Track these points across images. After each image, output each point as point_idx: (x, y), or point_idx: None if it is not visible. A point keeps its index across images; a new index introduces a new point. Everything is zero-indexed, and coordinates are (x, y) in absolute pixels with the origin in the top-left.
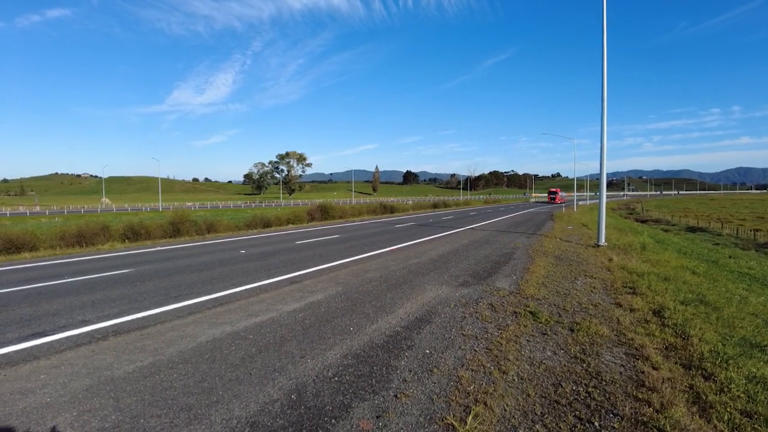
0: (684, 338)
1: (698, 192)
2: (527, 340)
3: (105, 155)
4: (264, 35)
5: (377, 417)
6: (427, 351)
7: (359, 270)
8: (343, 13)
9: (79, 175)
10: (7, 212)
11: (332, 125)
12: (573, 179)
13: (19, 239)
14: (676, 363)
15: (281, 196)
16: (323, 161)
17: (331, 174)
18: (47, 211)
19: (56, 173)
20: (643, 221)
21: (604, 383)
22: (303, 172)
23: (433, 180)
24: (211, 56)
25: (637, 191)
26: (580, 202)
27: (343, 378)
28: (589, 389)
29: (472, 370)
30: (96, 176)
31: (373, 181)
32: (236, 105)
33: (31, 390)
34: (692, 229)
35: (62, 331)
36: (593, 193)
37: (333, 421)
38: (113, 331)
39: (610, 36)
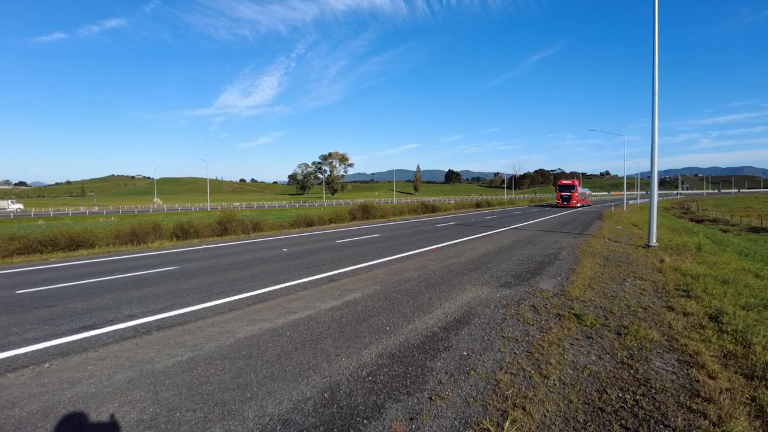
0: (745, 346)
1: (762, 190)
2: (571, 344)
3: (157, 157)
4: (307, 37)
5: (411, 419)
6: (465, 353)
7: (398, 269)
8: (386, 12)
9: (133, 177)
10: (70, 212)
11: (374, 125)
12: (623, 177)
13: (78, 237)
14: (735, 372)
15: (324, 196)
16: (365, 161)
17: (372, 174)
18: (104, 211)
19: (113, 175)
20: (699, 221)
21: (653, 391)
22: (345, 172)
23: (476, 179)
24: (257, 59)
25: (692, 189)
26: (630, 201)
27: (378, 378)
28: (637, 397)
29: (512, 374)
30: (148, 177)
31: (415, 181)
32: (281, 107)
33: (79, 380)
34: (755, 230)
35: (110, 325)
36: (644, 192)
37: (365, 421)
38: (156, 326)
39: (662, 26)
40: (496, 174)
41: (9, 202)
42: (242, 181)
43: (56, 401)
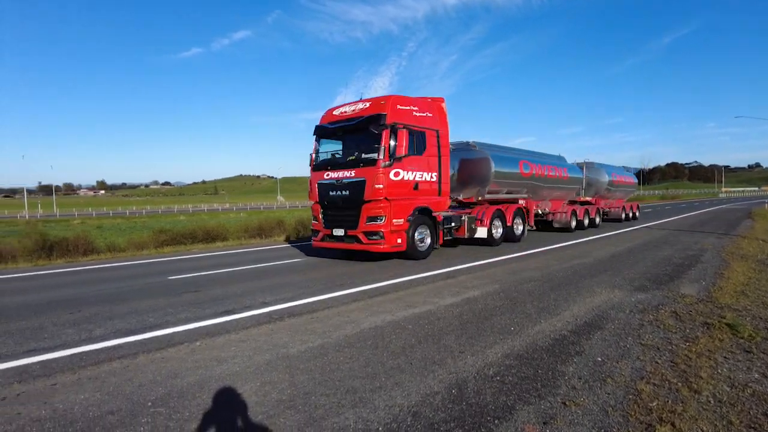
0: None
1: None
2: (724, 357)
3: (279, 158)
4: (418, 35)
5: (544, 423)
6: (599, 358)
7: (517, 268)
8: (498, 2)
9: (258, 176)
10: (205, 208)
11: (484, 119)
12: None
13: (213, 231)
14: None
15: None
16: None
17: None
18: (234, 208)
19: (240, 175)
20: None
21: None
22: None
23: None
24: (369, 61)
25: None
26: None
27: (506, 378)
28: None
29: (654, 385)
30: (272, 177)
31: None
32: None
33: (225, 359)
34: None
35: (247, 311)
36: None
37: (496, 421)
38: (288, 313)
39: None
40: None
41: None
42: None
43: (208, 376)
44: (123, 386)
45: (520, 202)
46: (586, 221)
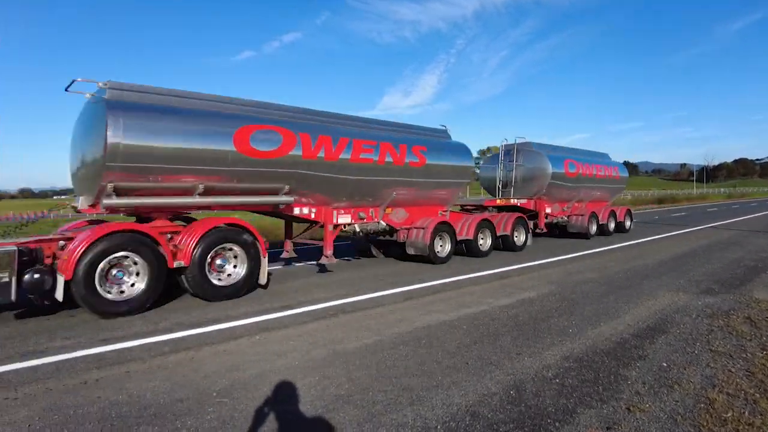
0: None
1: None
2: None
3: None
4: (467, 32)
5: (607, 428)
6: (664, 364)
7: (573, 269)
8: None
9: None
10: None
11: (536, 115)
12: None
13: (266, 230)
14: None
15: (482, 191)
16: None
17: None
18: None
19: None
20: None
21: None
22: None
23: (657, 171)
24: (417, 59)
25: None
26: None
27: (565, 381)
28: None
29: (728, 394)
30: None
31: None
32: (440, 104)
33: (284, 353)
34: None
35: (303, 306)
36: None
37: (557, 424)
38: (341, 309)
39: None
40: (683, 165)
41: None
42: None
43: (268, 369)
44: (190, 376)
45: (299, 211)
46: (487, 242)
